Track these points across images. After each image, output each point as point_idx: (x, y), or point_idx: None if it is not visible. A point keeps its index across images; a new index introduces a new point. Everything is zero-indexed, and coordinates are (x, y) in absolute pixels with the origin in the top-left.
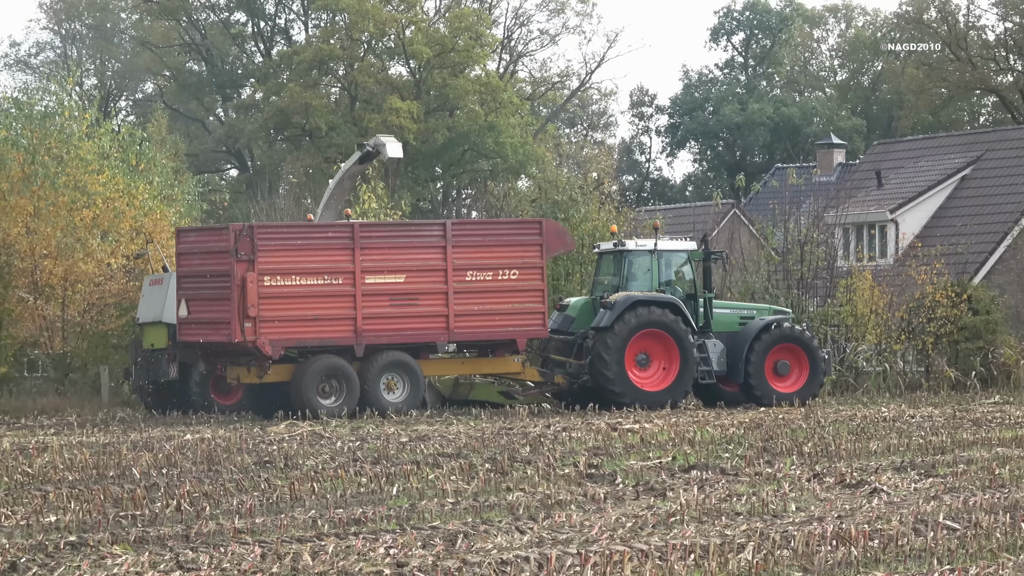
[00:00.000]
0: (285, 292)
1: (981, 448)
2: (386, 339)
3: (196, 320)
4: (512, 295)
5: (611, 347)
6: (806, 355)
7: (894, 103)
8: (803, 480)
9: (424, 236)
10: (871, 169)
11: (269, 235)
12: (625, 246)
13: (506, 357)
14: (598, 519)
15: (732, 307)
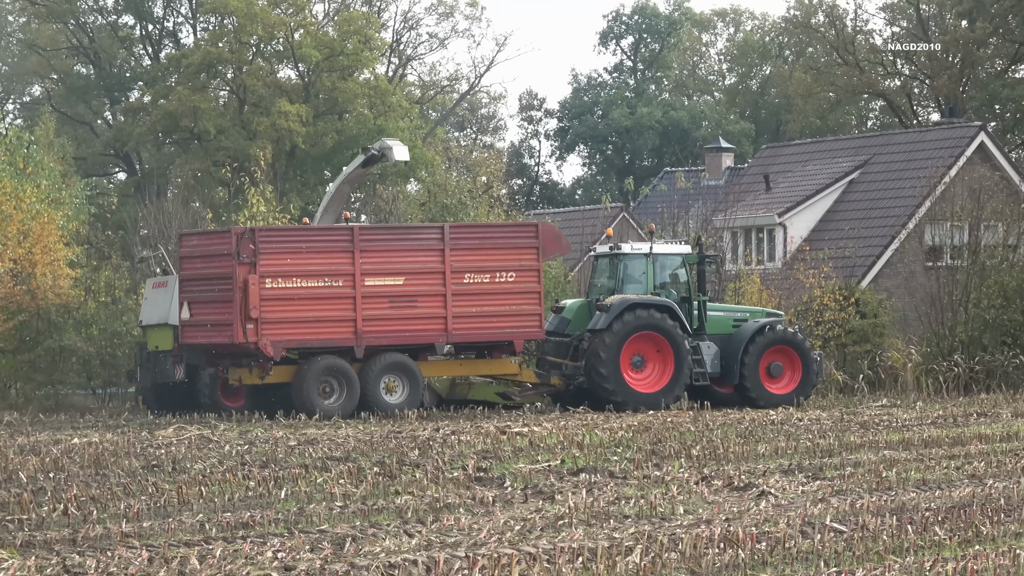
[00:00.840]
0: (286, 294)
1: (868, 451)
2: (386, 340)
3: (198, 322)
4: (509, 297)
5: (607, 349)
6: (799, 357)
7: (782, 107)
8: (691, 483)
9: (422, 239)
10: (759, 173)
11: (270, 238)
12: (621, 249)
13: (503, 359)
14: (486, 522)
15: (726, 309)
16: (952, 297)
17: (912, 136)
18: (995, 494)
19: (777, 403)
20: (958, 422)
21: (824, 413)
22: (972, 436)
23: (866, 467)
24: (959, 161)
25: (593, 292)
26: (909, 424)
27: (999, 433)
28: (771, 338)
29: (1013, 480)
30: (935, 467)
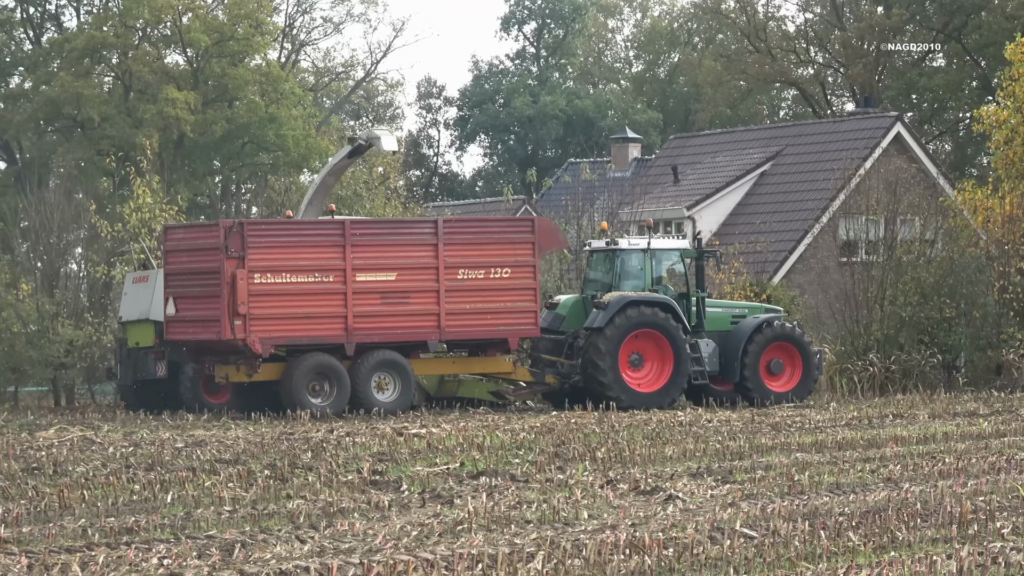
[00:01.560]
0: (275, 289)
1: (780, 453)
2: (377, 337)
3: (184, 318)
4: (504, 293)
5: (605, 348)
6: (799, 354)
7: (691, 96)
8: (596, 487)
9: (415, 233)
10: (667, 164)
11: (259, 232)
12: (618, 244)
13: (497, 356)
14: (382, 528)
15: (724, 306)
16: (867, 294)
17: (826, 127)
18: (911, 498)
19: (778, 401)
20: (873, 423)
21: (734, 414)
22: (888, 438)
23: (777, 470)
24: (874, 153)
25: (588, 288)
26: (822, 426)
27: (915, 435)
28: (772, 335)
29: (930, 484)
30: (849, 470)
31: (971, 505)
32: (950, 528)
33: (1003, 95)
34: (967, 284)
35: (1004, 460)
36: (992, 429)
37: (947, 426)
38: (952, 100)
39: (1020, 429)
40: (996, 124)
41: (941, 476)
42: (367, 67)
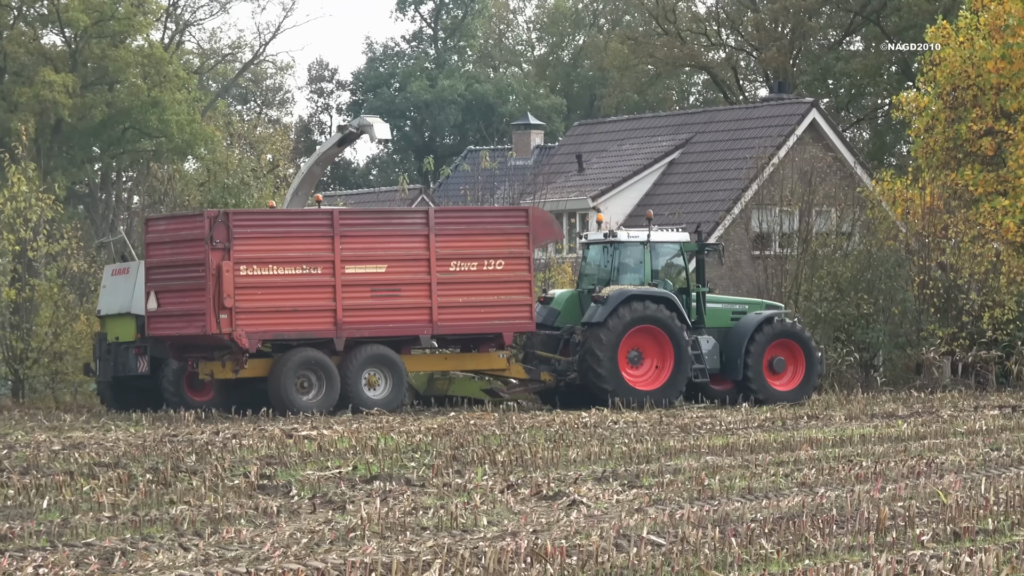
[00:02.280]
0: (262, 282)
1: (689, 456)
2: (367, 332)
3: (167, 313)
4: (498, 286)
5: (604, 344)
6: (802, 352)
7: (596, 80)
8: (496, 491)
9: (406, 224)
10: (571, 152)
11: (245, 222)
12: (616, 236)
13: (490, 352)
14: (270, 535)
15: (724, 301)
16: (781, 289)
17: (738, 113)
18: (827, 504)
19: (780, 400)
20: (787, 425)
21: (642, 415)
22: (802, 441)
23: (687, 474)
24: (789, 141)
25: (584, 282)
26: (734, 427)
27: (831, 438)
28: (775, 331)
29: (846, 489)
30: (762, 474)
31: (889, 511)
32: (867, 535)
33: (923, 80)
34: (885, 279)
35: (924, 464)
36: (911, 431)
37: (864, 428)
38: (870, 86)
39: (941, 431)
40: (916, 111)
41: (858, 481)
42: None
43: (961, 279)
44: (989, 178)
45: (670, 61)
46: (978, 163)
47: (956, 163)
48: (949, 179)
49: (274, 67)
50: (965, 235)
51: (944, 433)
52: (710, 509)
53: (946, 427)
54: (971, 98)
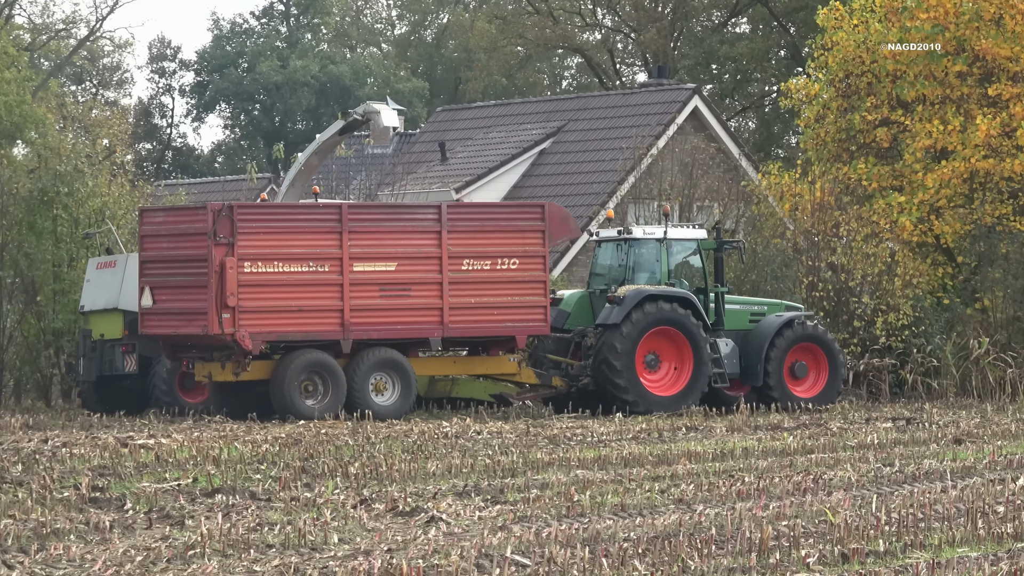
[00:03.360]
0: (267, 280)
1: (558, 470)
2: (375, 333)
3: (163, 310)
4: (511, 286)
5: (621, 346)
6: (825, 356)
7: (462, 63)
8: (348, 506)
9: (417, 220)
10: (434, 140)
11: (251, 216)
12: (632, 233)
13: (501, 356)
14: (102, 552)
15: (742, 302)
16: None
17: (614, 99)
18: (705, 522)
19: (802, 406)
20: (664, 437)
21: (507, 425)
22: (680, 454)
23: (555, 489)
24: (668, 130)
25: (595, 282)
26: (607, 439)
27: (711, 451)
28: (798, 335)
29: (727, 506)
30: (636, 490)
31: (772, 530)
32: (748, 556)
33: (814, 66)
34: (772, 280)
35: (811, 480)
36: (798, 444)
37: (747, 441)
38: (757, 71)
39: (829, 445)
40: (806, 99)
41: (739, 497)
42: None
43: (853, 281)
44: (884, 172)
45: (541, 42)
46: (872, 156)
47: (849, 156)
48: (841, 173)
49: (112, 44)
50: (858, 233)
51: (833, 447)
52: (580, 527)
53: (835, 440)
54: (865, 86)
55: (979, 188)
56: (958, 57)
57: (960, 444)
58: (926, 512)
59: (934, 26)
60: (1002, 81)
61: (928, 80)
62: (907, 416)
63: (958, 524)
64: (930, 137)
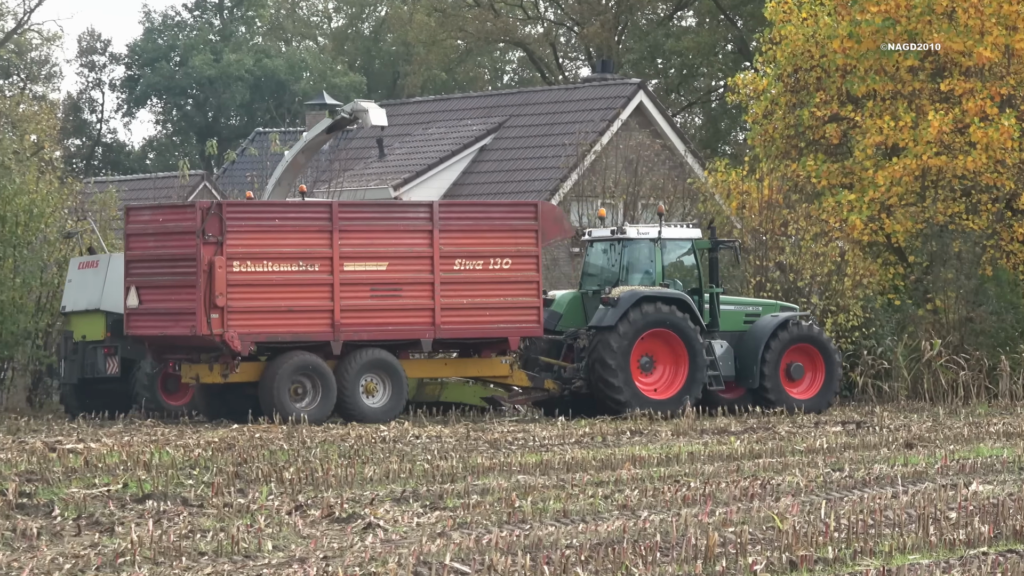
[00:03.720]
0: (256, 279)
1: (499, 475)
2: (366, 335)
3: (150, 310)
4: (504, 287)
5: (616, 349)
6: (822, 357)
7: (400, 56)
8: (283, 513)
9: (409, 219)
10: (372, 136)
11: (240, 214)
12: (626, 233)
13: (492, 358)
14: (29, 560)
15: (736, 303)
16: None
17: (557, 94)
18: (650, 529)
19: (798, 408)
20: (608, 441)
21: (447, 429)
22: (624, 459)
23: (496, 495)
24: (613, 126)
25: (587, 282)
26: (549, 443)
27: (656, 455)
28: (794, 335)
29: (672, 512)
30: (579, 495)
31: (719, 537)
32: (694, 563)
33: (762, 61)
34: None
35: (758, 485)
36: (745, 449)
37: (693, 445)
38: (704, 66)
39: (777, 449)
40: (753, 94)
41: (685, 503)
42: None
43: (802, 281)
44: (833, 169)
45: (482, 36)
46: (821, 153)
47: (797, 152)
48: (789, 170)
49: (40, 37)
50: (806, 232)
51: (781, 451)
52: (521, 534)
53: (783, 445)
54: (814, 81)
55: (931, 186)
56: (909, 51)
57: (911, 448)
58: (876, 518)
59: (885, 19)
60: (955, 76)
61: (879, 75)
62: (857, 420)
63: (909, 530)
64: (881, 133)
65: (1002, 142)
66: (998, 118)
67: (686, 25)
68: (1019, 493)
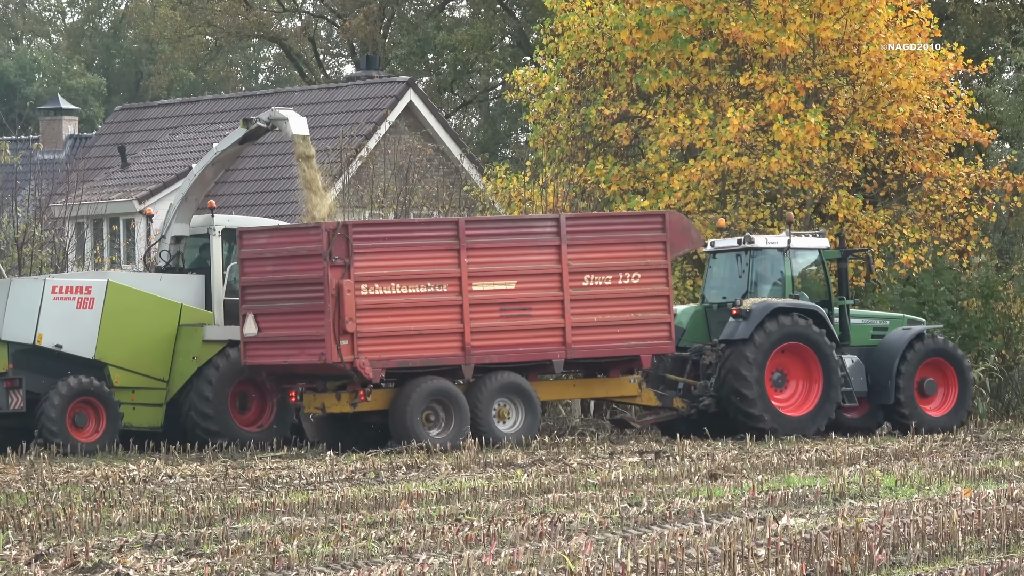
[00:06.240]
0: (384, 303)
1: (261, 518)
2: (496, 357)
3: (271, 338)
4: (634, 303)
5: (751, 364)
6: (955, 372)
7: (143, 55)
8: (21, 563)
9: (536, 233)
10: (113, 143)
11: (367, 235)
12: (753, 243)
13: (620, 378)
14: None
15: (864, 316)
16: None
17: (318, 94)
18: (429, 573)
19: (934, 426)
20: (382, 477)
21: (203, 467)
22: (399, 496)
23: (258, 539)
24: (380, 128)
25: (711, 295)
26: (317, 481)
27: (435, 492)
28: (928, 349)
29: (453, 554)
30: (350, 538)
31: None
32: None
33: (543, 55)
34: None
35: (548, 523)
36: (533, 483)
37: (476, 480)
38: (479, 61)
39: (569, 483)
40: (535, 92)
41: (467, 544)
42: None
43: None
44: (625, 173)
45: (233, 31)
46: (611, 155)
47: (584, 155)
48: (576, 175)
49: None
50: None
51: (573, 485)
52: None
53: (575, 478)
54: (601, 76)
55: (732, 190)
56: (705, 42)
57: (716, 480)
58: (678, 557)
59: (677, 7)
60: (755, 69)
61: (672, 69)
62: (656, 449)
63: (714, 569)
64: (675, 133)
65: (809, 141)
66: (804, 115)
67: (459, 16)
68: (833, 527)
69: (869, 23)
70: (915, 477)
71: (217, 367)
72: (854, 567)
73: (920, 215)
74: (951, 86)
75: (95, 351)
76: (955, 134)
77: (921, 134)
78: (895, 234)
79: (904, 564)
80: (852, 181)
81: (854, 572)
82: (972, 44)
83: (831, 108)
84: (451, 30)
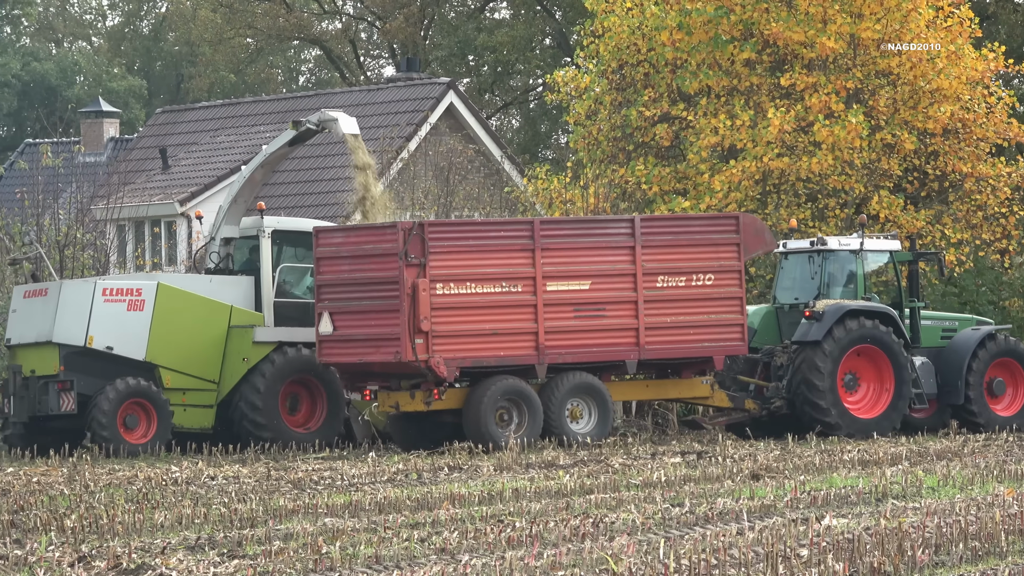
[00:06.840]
0: (459, 302)
1: (304, 519)
2: (570, 357)
3: (346, 337)
4: (707, 304)
5: (824, 365)
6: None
7: (184, 57)
8: (64, 565)
9: (611, 234)
10: (154, 146)
11: (442, 234)
12: (826, 244)
13: (692, 379)
14: None
15: (934, 317)
16: None
17: (358, 96)
18: (471, 574)
19: (1003, 425)
20: (424, 479)
21: (245, 469)
22: (442, 497)
23: (300, 540)
24: (421, 130)
25: (783, 296)
26: (359, 482)
27: (477, 493)
28: (998, 350)
29: (495, 555)
30: (392, 539)
31: None
32: None
33: (584, 56)
34: None
35: (590, 523)
36: (575, 484)
37: (518, 481)
38: (520, 63)
39: (611, 484)
40: (575, 93)
41: (510, 545)
42: None
43: None
44: (665, 174)
45: (274, 33)
46: (652, 156)
47: (625, 156)
48: (617, 176)
49: None
50: None
51: (615, 486)
52: None
53: (617, 479)
54: (642, 77)
55: (773, 191)
56: (745, 43)
57: (758, 480)
58: (720, 557)
59: (717, 8)
60: (795, 70)
61: (712, 69)
62: (698, 449)
63: (757, 570)
64: (716, 134)
65: (849, 141)
66: (844, 115)
67: (499, 18)
68: (876, 527)
69: (910, 23)
70: (958, 477)
71: (268, 368)
72: (897, 567)
73: (961, 215)
74: (992, 86)
75: (146, 353)
76: (996, 134)
77: (962, 134)
78: (936, 234)
79: (947, 564)
80: (893, 181)
81: (897, 572)
82: (1013, 44)
83: (872, 108)
84: (491, 31)
